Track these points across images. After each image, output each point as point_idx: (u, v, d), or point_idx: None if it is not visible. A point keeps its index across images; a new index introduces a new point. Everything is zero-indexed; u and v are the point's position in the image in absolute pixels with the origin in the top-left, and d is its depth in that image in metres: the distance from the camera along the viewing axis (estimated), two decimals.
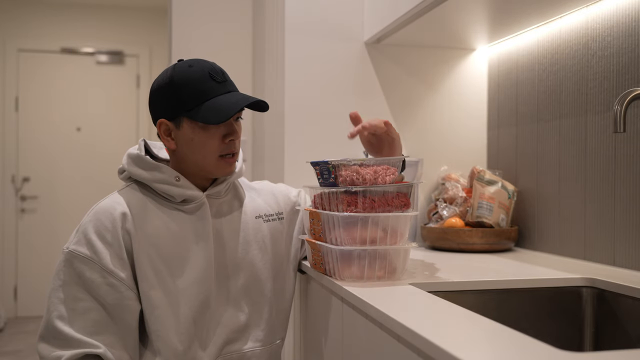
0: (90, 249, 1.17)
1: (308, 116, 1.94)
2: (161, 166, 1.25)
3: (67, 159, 4.92)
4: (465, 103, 2.05)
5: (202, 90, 1.20)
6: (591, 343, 1.25)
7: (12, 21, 4.84)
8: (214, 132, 1.22)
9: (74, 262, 1.17)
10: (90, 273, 1.16)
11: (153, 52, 5.07)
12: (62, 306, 1.16)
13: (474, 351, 0.73)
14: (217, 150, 1.23)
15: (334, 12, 1.97)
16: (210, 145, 1.23)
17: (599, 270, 1.37)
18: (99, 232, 1.19)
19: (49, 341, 1.16)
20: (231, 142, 1.24)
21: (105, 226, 1.19)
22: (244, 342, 1.31)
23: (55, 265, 1.20)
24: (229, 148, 1.24)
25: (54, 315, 1.16)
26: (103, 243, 1.18)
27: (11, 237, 4.77)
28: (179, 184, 1.24)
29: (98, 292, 1.16)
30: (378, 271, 1.19)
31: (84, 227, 1.20)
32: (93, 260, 1.17)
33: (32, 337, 4.19)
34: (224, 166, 1.26)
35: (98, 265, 1.17)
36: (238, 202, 1.36)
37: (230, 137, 1.24)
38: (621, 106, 1.15)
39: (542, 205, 1.72)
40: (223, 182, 1.31)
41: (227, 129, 1.24)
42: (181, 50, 2.66)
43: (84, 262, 1.17)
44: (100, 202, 1.25)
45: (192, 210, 1.27)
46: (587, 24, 1.55)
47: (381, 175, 1.19)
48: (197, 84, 1.20)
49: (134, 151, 1.28)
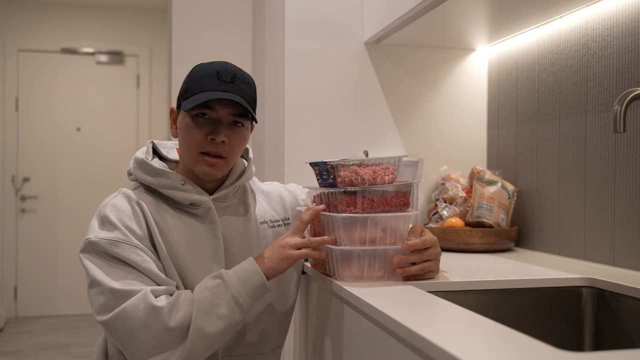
0: (116, 233, 1.16)
1: (308, 116, 1.94)
2: (167, 172, 1.24)
3: (67, 159, 4.92)
4: (465, 103, 2.05)
5: (202, 83, 1.21)
6: (591, 343, 1.25)
7: (12, 21, 4.84)
8: (200, 127, 1.22)
9: (102, 247, 1.15)
10: (121, 251, 1.14)
11: (153, 52, 5.07)
12: (105, 280, 1.11)
13: (474, 351, 0.73)
14: (198, 145, 1.22)
15: (334, 12, 1.97)
16: (192, 138, 1.22)
17: (599, 270, 1.37)
18: (121, 220, 1.18)
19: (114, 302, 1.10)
20: (212, 141, 1.21)
21: (127, 214, 1.19)
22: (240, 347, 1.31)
23: (83, 262, 1.16)
24: (209, 146, 1.22)
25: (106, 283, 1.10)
26: (127, 229, 1.17)
27: (11, 237, 4.77)
28: (184, 188, 1.24)
29: (135, 261, 1.14)
30: (378, 271, 1.19)
31: (106, 215, 1.19)
32: (122, 241, 1.15)
33: (32, 337, 4.19)
34: (203, 164, 1.22)
35: (128, 245, 1.15)
36: (244, 207, 1.35)
37: (212, 135, 1.21)
38: (621, 106, 1.15)
39: (542, 205, 1.72)
40: (230, 185, 1.31)
41: (211, 127, 1.22)
42: (181, 50, 2.66)
43: (115, 245, 1.15)
44: (111, 197, 1.25)
45: (201, 214, 1.27)
46: (587, 24, 1.55)
47: (380, 175, 1.19)
48: (201, 77, 1.22)
49: (140, 155, 1.28)
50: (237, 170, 1.33)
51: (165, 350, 1.08)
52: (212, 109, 1.21)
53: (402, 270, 1.17)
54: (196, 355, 1.09)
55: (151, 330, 1.07)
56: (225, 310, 1.11)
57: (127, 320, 1.08)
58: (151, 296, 1.09)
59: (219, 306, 1.11)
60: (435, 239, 1.20)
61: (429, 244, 1.18)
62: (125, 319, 1.08)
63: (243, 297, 1.13)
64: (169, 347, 1.08)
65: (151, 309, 1.07)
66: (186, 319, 1.09)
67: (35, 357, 3.77)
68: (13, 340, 4.13)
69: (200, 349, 1.09)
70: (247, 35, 2.73)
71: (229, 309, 1.12)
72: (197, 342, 1.08)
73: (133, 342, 1.08)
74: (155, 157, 1.33)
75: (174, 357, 1.08)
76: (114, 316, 1.09)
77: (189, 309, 1.10)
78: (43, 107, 4.88)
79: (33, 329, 4.41)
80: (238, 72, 1.25)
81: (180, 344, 1.08)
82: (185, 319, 1.09)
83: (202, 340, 1.09)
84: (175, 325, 1.08)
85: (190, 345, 1.08)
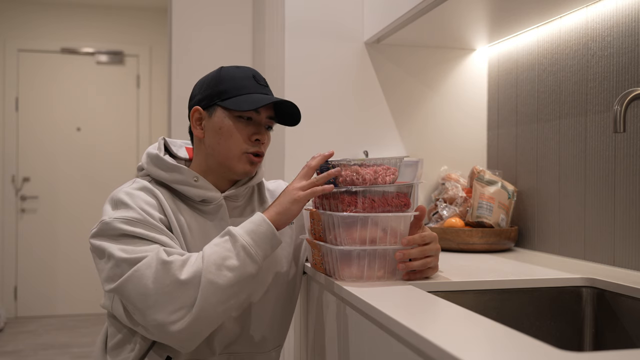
0: (134, 211, 1.15)
1: (308, 116, 1.94)
2: (180, 167, 1.25)
3: (67, 159, 4.92)
4: (465, 103, 2.05)
5: (243, 85, 1.25)
6: (591, 343, 1.25)
7: (12, 21, 4.84)
8: (243, 127, 1.25)
9: (119, 227, 1.13)
10: (139, 229, 1.13)
11: (153, 52, 5.07)
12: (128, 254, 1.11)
13: (474, 351, 0.73)
14: (243, 145, 1.25)
15: (334, 12, 1.97)
16: (236, 138, 1.25)
17: (599, 270, 1.37)
18: (138, 204, 1.17)
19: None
20: (257, 142, 1.26)
21: (144, 199, 1.19)
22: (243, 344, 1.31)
23: (93, 244, 1.15)
24: (255, 147, 1.27)
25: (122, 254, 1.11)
26: (144, 212, 1.16)
27: (11, 237, 4.77)
28: (197, 184, 1.25)
29: (152, 236, 1.14)
30: (378, 271, 1.19)
31: (120, 198, 1.18)
32: (139, 220, 1.14)
33: (32, 337, 4.19)
34: (246, 163, 1.27)
35: (144, 224, 1.14)
36: (251, 208, 1.37)
37: (257, 137, 1.26)
38: (621, 106, 1.15)
39: (542, 205, 1.72)
40: (242, 185, 1.32)
41: (255, 128, 1.26)
42: (181, 50, 2.66)
43: (131, 224, 1.14)
44: (125, 184, 1.25)
45: (212, 211, 1.28)
46: (587, 24, 1.55)
47: (381, 175, 1.19)
48: (239, 79, 1.26)
49: (153, 151, 1.29)
50: None
51: (178, 305, 1.07)
52: (258, 112, 1.26)
53: (404, 265, 1.17)
54: (210, 310, 1.08)
55: (162, 284, 1.06)
56: (235, 261, 1.11)
57: (139, 279, 1.07)
58: (163, 252, 1.09)
59: (229, 259, 1.11)
60: (434, 235, 1.20)
61: (429, 240, 1.18)
62: (137, 278, 1.07)
63: (253, 248, 1.13)
64: (182, 302, 1.07)
65: (162, 264, 1.07)
66: (197, 272, 1.08)
67: (35, 357, 3.77)
68: (13, 340, 4.13)
69: (214, 304, 1.08)
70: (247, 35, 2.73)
71: (240, 259, 1.11)
72: (209, 296, 1.07)
73: (147, 301, 1.07)
74: (166, 154, 1.33)
75: (187, 311, 1.07)
76: (126, 278, 1.08)
77: (200, 263, 1.09)
78: (43, 107, 4.88)
79: (33, 329, 4.41)
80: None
81: (193, 298, 1.07)
82: (197, 273, 1.08)
83: (215, 293, 1.08)
84: (186, 278, 1.07)
85: (203, 300, 1.07)
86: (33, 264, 4.80)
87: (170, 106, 2.72)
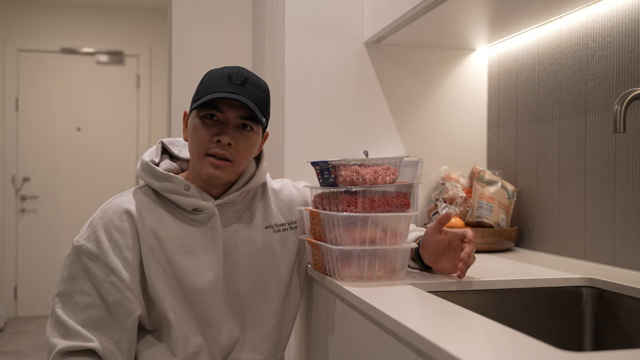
0: (97, 245, 1.19)
1: (308, 116, 1.94)
2: (171, 176, 1.23)
3: (67, 159, 4.92)
4: (465, 103, 2.05)
5: (213, 84, 1.21)
6: (591, 343, 1.25)
7: (12, 21, 4.84)
8: (207, 127, 1.20)
9: (81, 256, 1.19)
10: (95, 269, 1.18)
11: (153, 52, 5.07)
12: (66, 297, 1.19)
13: (474, 351, 0.73)
14: (204, 146, 1.20)
15: (334, 12, 1.97)
16: (199, 138, 1.20)
17: (598, 270, 1.37)
18: (107, 230, 1.20)
19: (53, 327, 1.19)
20: (217, 143, 1.19)
21: (115, 224, 1.20)
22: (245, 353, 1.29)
23: (64, 257, 1.23)
24: (214, 148, 1.20)
25: (59, 305, 1.19)
26: (110, 241, 1.19)
27: (11, 237, 4.77)
28: (188, 193, 1.23)
29: (100, 288, 1.17)
30: (378, 271, 1.19)
31: (95, 222, 1.22)
32: (98, 257, 1.18)
33: (32, 337, 4.19)
34: (207, 166, 1.20)
35: (102, 262, 1.18)
36: (250, 212, 1.32)
37: (217, 137, 1.18)
38: (621, 106, 1.16)
39: (542, 205, 1.72)
40: (237, 190, 1.28)
41: (219, 128, 1.20)
42: (181, 50, 2.66)
43: (90, 258, 1.18)
44: (114, 198, 1.26)
45: (203, 220, 1.25)
46: (587, 24, 1.55)
47: (381, 175, 1.19)
48: (214, 80, 1.22)
49: (146, 158, 1.27)
50: (246, 174, 1.30)
51: None
52: (220, 110, 1.20)
53: (465, 265, 1.19)
54: None
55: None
56: None
57: None
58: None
59: None
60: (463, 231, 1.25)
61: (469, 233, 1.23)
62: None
63: None
64: None
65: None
66: None
67: (36, 357, 3.77)
68: (13, 340, 4.13)
69: None
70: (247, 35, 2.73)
71: None
72: None
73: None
74: (165, 158, 1.32)
75: None
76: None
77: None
78: (43, 107, 4.88)
79: (33, 329, 4.41)
80: (251, 76, 1.23)
81: None
82: None
83: None
84: None
85: None
86: (33, 264, 4.80)
87: (170, 106, 2.72)
